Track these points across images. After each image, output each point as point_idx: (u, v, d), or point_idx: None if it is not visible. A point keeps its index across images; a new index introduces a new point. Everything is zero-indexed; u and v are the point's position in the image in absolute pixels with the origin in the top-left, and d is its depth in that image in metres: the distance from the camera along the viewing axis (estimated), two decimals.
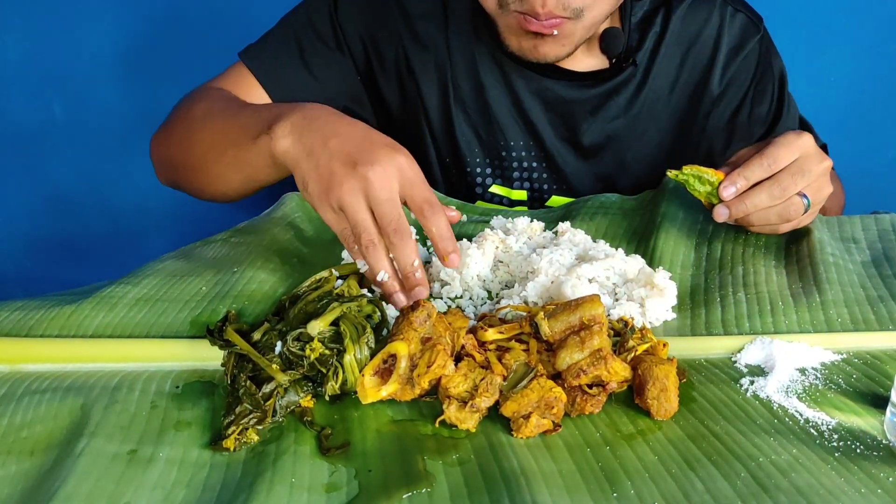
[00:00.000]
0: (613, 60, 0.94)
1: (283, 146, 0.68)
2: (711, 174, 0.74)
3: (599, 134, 0.97)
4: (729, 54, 0.96)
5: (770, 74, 0.99)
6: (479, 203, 1.01)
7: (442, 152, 1.00)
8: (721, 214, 0.74)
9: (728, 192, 0.73)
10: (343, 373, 0.57)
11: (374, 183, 0.63)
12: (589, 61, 0.95)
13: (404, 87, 0.97)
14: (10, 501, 0.47)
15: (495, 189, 1.00)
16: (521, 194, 1.00)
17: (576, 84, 0.95)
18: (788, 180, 0.72)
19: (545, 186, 1.00)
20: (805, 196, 0.73)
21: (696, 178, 0.75)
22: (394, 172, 0.64)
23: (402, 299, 0.65)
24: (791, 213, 0.74)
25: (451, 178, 1.01)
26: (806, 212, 0.74)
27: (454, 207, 0.71)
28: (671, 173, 0.76)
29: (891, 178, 1.42)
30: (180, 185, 0.92)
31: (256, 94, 0.93)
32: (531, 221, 0.80)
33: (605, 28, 0.92)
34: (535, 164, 0.99)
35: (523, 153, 0.99)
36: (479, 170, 1.00)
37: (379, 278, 0.65)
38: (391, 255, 0.65)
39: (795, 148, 0.72)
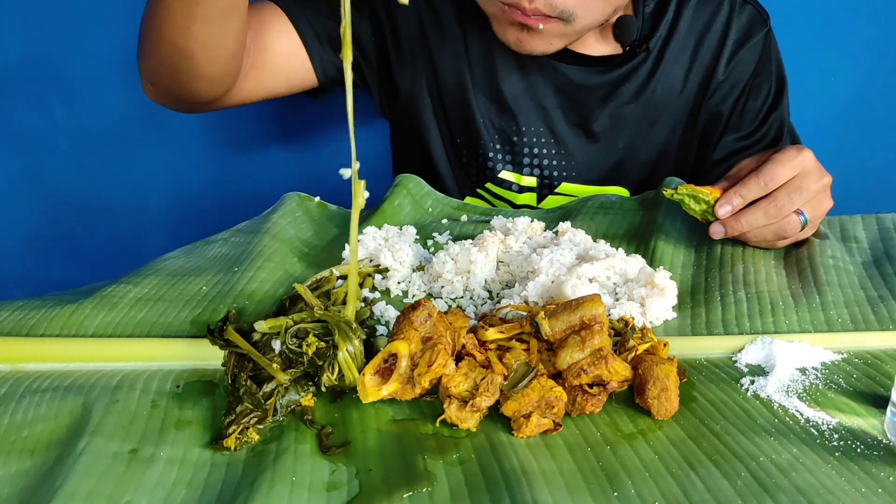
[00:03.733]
0: (627, 48, 0.95)
1: None
2: (707, 193, 0.74)
3: (610, 120, 0.98)
4: (735, 44, 0.97)
5: (769, 71, 0.99)
6: (489, 185, 1.01)
7: (454, 134, 1.00)
8: (717, 232, 0.74)
9: (724, 211, 0.73)
10: (339, 369, 0.57)
11: None
12: (602, 48, 0.95)
13: (416, 65, 0.98)
14: (11, 501, 0.47)
15: (505, 175, 1.01)
16: (531, 181, 1.01)
17: (588, 69, 0.95)
18: (785, 199, 0.72)
19: (555, 173, 1.00)
20: (802, 213, 0.73)
21: (692, 197, 0.75)
22: None
23: None
24: (787, 230, 0.74)
25: (462, 160, 1.01)
26: (803, 229, 0.74)
27: None
28: (666, 193, 0.76)
29: (891, 178, 1.42)
30: (168, 85, 0.85)
31: (278, 28, 0.91)
32: (531, 221, 0.81)
33: (619, 16, 0.92)
34: (545, 151, 1.00)
35: (534, 139, 0.99)
36: (490, 154, 1.00)
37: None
38: None
39: (794, 165, 0.72)
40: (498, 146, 1.00)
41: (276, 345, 0.59)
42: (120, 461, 0.50)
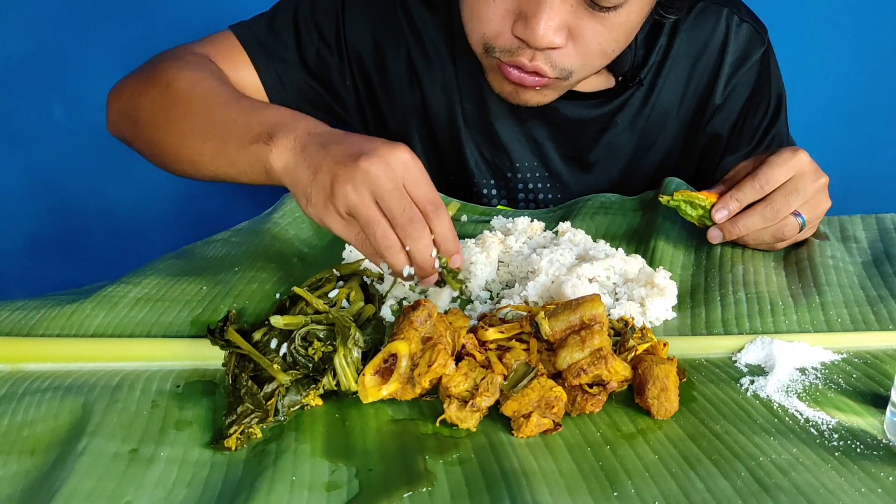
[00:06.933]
0: (620, 79, 0.93)
1: (284, 161, 0.64)
2: (703, 198, 0.74)
3: (605, 150, 0.97)
4: (733, 65, 0.95)
5: (767, 89, 0.97)
6: None
7: (448, 171, 0.99)
8: (715, 237, 0.74)
9: (720, 215, 0.73)
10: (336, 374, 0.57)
11: (378, 176, 0.59)
12: (595, 81, 0.93)
13: (406, 102, 0.96)
14: (11, 500, 0.48)
15: (501, 209, 1.00)
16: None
17: (582, 104, 0.93)
18: (781, 202, 0.71)
19: (551, 206, 0.99)
20: (800, 215, 0.73)
21: (688, 202, 0.75)
22: (397, 166, 0.60)
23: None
24: (785, 233, 0.73)
25: (455, 195, 1.00)
26: (801, 230, 0.74)
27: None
28: (662, 199, 0.76)
29: (891, 178, 1.42)
30: (135, 146, 0.85)
31: (242, 70, 0.90)
32: (531, 221, 0.80)
33: None
34: (540, 185, 0.98)
35: (528, 174, 0.98)
36: (484, 190, 0.99)
37: (405, 274, 0.61)
38: (408, 249, 0.60)
39: (790, 167, 0.71)
40: (492, 182, 0.99)
41: (275, 343, 0.59)
42: (120, 461, 0.50)
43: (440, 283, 0.64)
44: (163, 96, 0.79)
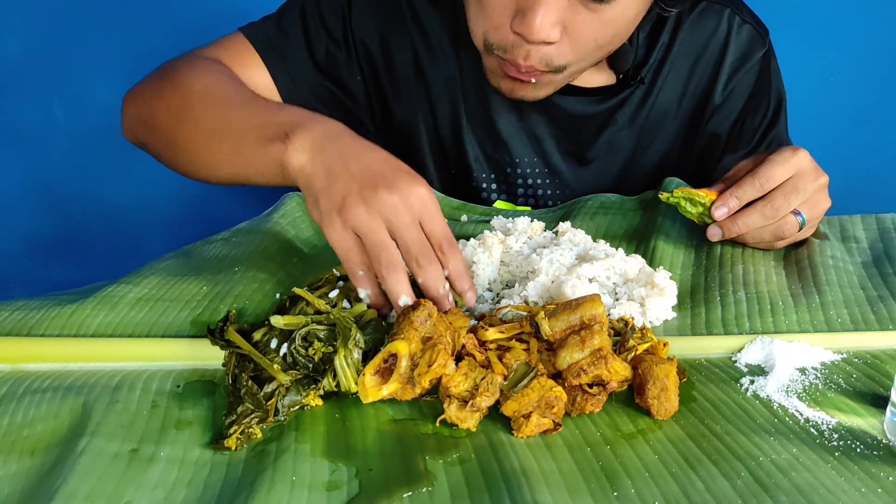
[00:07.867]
0: (621, 76, 0.94)
1: (300, 161, 0.65)
2: (703, 195, 0.74)
3: (605, 147, 0.97)
4: (733, 65, 0.95)
5: (766, 90, 0.98)
6: None
7: (450, 164, 1.00)
8: (714, 235, 0.74)
9: (720, 213, 0.73)
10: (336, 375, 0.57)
11: (396, 207, 0.61)
12: (597, 77, 0.93)
13: (412, 97, 0.96)
14: (11, 500, 0.48)
15: (500, 204, 1.00)
16: (525, 210, 1.00)
17: (583, 100, 0.94)
18: (781, 200, 0.71)
19: (550, 203, 1.00)
20: (800, 214, 0.73)
21: (687, 200, 0.75)
22: (415, 201, 0.62)
23: None
24: (785, 231, 0.73)
25: (456, 190, 1.00)
26: (801, 229, 0.74)
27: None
28: (662, 196, 0.76)
29: (891, 178, 1.42)
30: (151, 150, 0.86)
31: (253, 70, 0.90)
32: (531, 221, 0.80)
33: None
34: (539, 181, 0.99)
35: (528, 170, 0.98)
36: (484, 185, 0.99)
37: (401, 303, 0.61)
38: (419, 280, 0.62)
39: (790, 166, 0.72)
40: (492, 177, 0.99)
41: (276, 343, 0.59)
42: (120, 461, 0.50)
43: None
44: (179, 100, 0.80)
